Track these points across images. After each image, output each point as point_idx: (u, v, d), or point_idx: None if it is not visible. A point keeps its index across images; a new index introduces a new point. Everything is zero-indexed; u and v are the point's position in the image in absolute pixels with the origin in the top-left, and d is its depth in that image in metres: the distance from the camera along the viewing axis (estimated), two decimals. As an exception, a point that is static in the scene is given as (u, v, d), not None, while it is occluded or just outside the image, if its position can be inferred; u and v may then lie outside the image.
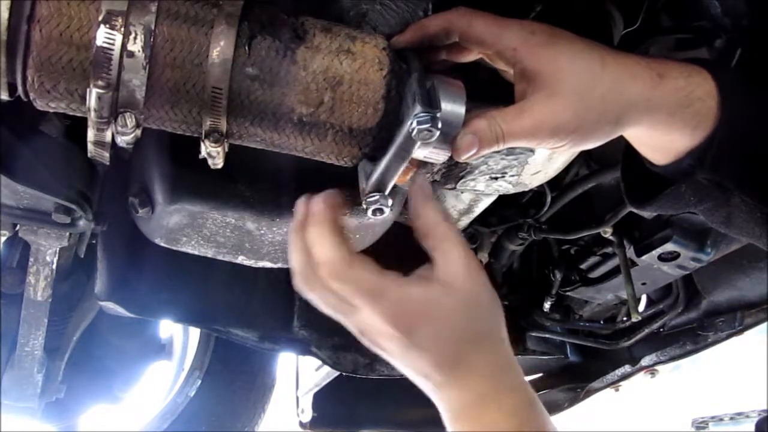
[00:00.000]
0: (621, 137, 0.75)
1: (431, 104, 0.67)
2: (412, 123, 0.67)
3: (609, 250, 1.48)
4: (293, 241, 0.74)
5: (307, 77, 0.70)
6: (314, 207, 0.73)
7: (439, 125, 0.66)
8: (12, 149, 0.95)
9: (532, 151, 0.90)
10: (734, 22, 0.86)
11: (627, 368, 1.73)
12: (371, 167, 0.73)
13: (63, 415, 1.71)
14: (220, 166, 0.74)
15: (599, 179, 1.29)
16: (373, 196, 0.72)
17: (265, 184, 1.01)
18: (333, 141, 0.73)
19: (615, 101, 0.70)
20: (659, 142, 0.74)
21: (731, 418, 4.58)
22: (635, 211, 1.18)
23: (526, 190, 1.01)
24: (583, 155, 1.29)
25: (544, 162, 0.94)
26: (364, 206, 0.74)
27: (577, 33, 0.73)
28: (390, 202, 0.73)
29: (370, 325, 0.71)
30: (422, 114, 0.66)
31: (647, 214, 1.31)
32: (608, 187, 1.34)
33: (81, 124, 0.69)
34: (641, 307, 1.59)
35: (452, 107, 0.69)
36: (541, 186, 1.12)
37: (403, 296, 0.70)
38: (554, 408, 1.95)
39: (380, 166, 0.72)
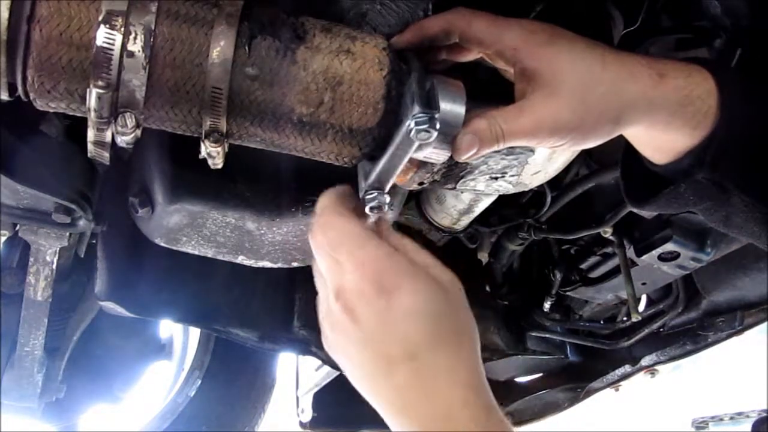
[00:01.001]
0: (621, 137, 0.75)
1: (429, 104, 0.67)
2: (410, 123, 0.67)
3: (609, 250, 1.48)
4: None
5: (307, 77, 0.70)
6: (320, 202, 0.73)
7: (437, 126, 0.66)
8: (12, 149, 0.95)
9: (532, 150, 0.90)
10: (734, 22, 0.86)
11: (627, 368, 1.73)
12: (370, 166, 0.73)
13: (63, 415, 1.71)
14: (220, 166, 0.74)
15: (599, 179, 1.29)
16: (371, 193, 0.72)
17: (265, 184, 1.01)
18: (333, 141, 0.73)
19: (615, 100, 0.70)
20: (659, 142, 0.74)
21: (731, 418, 4.58)
22: (635, 210, 1.18)
23: (526, 190, 1.01)
24: (583, 155, 1.29)
25: (544, 162, 0.94)
26: (363, 204, 0.74)
27: (577, 33, 0.73)
28: (388, 199, 0.73)
29: (350, 280, 0.64)
30: (420, 114, 0.66)
31: (647, 213, 1.31)
32: (608, 187, 1.34)
33: (81, 124, 0.69)
34: (641, 307, 1.59)
35: (452, 107, 0.69)
36: (541, 186, 1.12)
37: (387, 254, 0.65)
38: (554, 408, 1.95)
39: (379, 165, 0.72)
